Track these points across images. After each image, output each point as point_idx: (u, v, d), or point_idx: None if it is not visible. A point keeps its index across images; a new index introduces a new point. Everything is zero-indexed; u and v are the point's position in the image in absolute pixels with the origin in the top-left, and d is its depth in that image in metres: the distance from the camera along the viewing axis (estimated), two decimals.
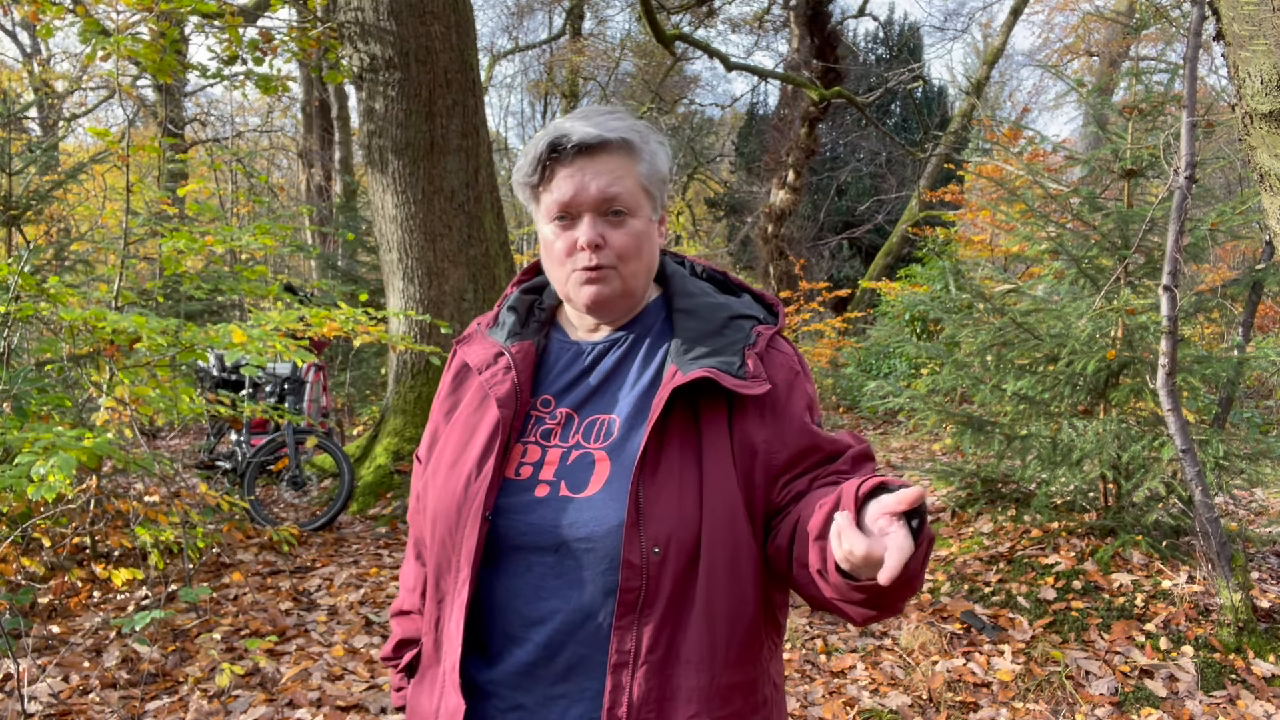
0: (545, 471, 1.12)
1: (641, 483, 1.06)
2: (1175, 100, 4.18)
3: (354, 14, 5.58)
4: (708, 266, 1.30)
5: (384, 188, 5.79)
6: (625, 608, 1.05)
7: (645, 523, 1.04)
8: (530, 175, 1.15)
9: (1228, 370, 4.03)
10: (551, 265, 1.18)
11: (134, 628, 3.00)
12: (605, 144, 1.12)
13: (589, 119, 1.13)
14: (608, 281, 1.14)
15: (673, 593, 1.05)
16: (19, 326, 4.09)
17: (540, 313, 1.27)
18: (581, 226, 1.12)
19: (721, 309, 1.19)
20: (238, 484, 5.45)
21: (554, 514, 1.08)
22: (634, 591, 1.04)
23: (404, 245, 5.79)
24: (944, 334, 4.88)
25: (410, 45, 5.55)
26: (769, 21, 16.28)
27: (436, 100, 5.66)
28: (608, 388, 1.17)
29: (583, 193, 1.11)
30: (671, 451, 1.08)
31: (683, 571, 1.06)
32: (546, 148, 1.12)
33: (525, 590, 1.10)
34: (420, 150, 5.66)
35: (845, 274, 15.37)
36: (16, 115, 6.60)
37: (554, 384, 1.20)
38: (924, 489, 0.88)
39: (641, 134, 1.15)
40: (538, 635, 1.09)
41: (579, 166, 1.11)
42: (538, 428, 1.16)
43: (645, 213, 1.16)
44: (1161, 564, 3.83)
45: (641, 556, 1.04)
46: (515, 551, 1.10)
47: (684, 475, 1.07)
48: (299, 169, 16.77)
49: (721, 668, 1.08)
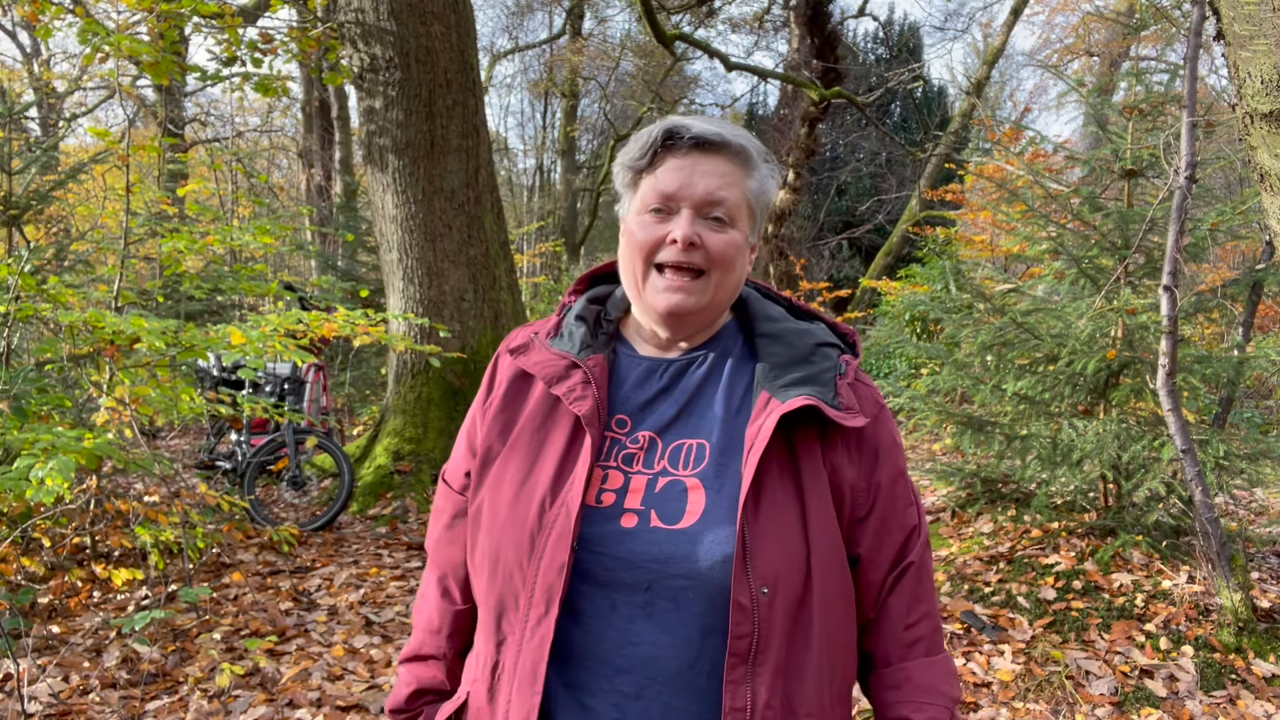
0: (630, 499, 1.01)
1: (747, 516, 0.96)
2: (1175, 100, 4.18)
3: (354, 14, 5.58)
4: (774, 291, 1.23)
5: (384, 188, 5.79)
6: (737, 657, 0.95)
7: (753, 560, 0.95)
8: (639, 159, 1.06)
9: (1228, 370, 4.03)
10: (631, 258, 1.08)
11: (134, 628, 3.01)
12: (724, 145, 1.05)
13: (710, 121, 1.07)
14: (693, 292, 1.04)
15: (785, 639, 0.97)
16: (19, 326, 4.09)
17: (607, 324, 1.16)
18: (679, 220, 1.04)
19: (806, 335, 1.11)
20: (238, 484, 5.45)
21: (645, 546, 0.97)
22: (745, 638, 0.94)
23: (404, 245, 5.79)
24: (944, 334, 4.88)
25: (410, 45, 5.55)
26: (769, 21, 16.28)
27: (437, 100, 5.66)
28: (692, 410, 1.08)
29: (689, 187, 1.04)
30: (772, 484, 1.00)
31: (793, 615, 0.97)
32: (662, 134, 1.05)
33: (610, 634, 0.98)
34: (420, 150, 5.66)
35: (845, 274, 15.38)
36: (16, 115, 6.60)
37: (628, 403, 1.09)
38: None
39: (759, 151, 1.09)
40: (625, 685, 0.97)
41: (692, 160, 1.05)
42: (617, 450, 1.05)
43: (745, 228, 1.08)
44: (1162, 564, 3.83)
45: (751, 598, 0.94)
46: (598, 589, 0.99)
47: (786, 510, 0.99)
48: (299, 169, 16.77)
49: (831, 715, 1.02)
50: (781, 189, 12.92)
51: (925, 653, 1.08)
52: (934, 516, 5.03)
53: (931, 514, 5.11)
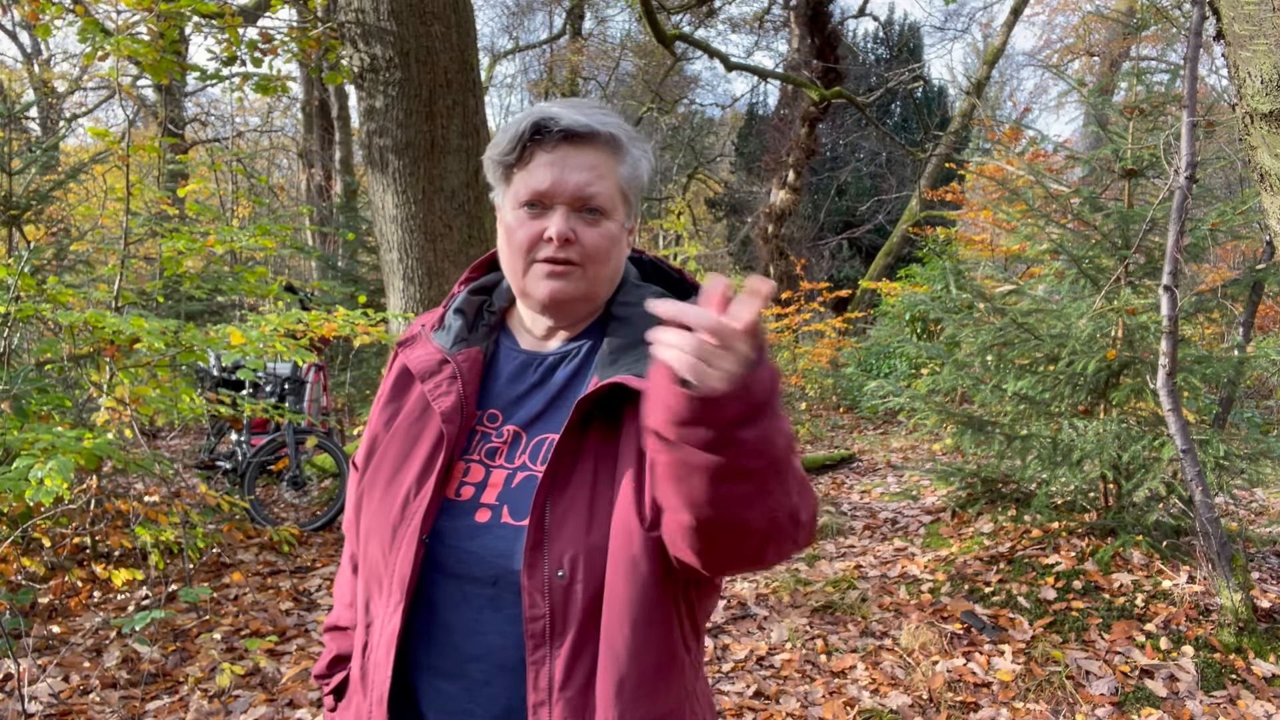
0: (488, 494, 1.04)
1: (549, 501, 0.99)
2: (1176, 100, 4.18)
3: (354, 14, 5.58)
4: (661, 262, 1.21)
5: (384, 188, 5.79)
6: (535, 639, 0.98)
7: (550, 544, 0.98)
8: (508, 153, 1.06)
9: (1228, 370, 4.03)
10: (511, 255, 1.08)
11: (134, 628, 3.01)
12: (593, 136, 1.04)
13: (578, 108, 1.06)
14: (572, 279, 1.05)
15: (583, 621, 0.98)
16: (19, 326, 4.09)
17: (489, 316, 1.17)
18: (553, 218, 1.04)
19: (654, 316, 1.11)
20: (238, 484, 5.45)
21: (494, 542, 1.01)
22: (540, 620, 0.97)
23: (404, 245, 5.79)
24: (944, 334, 4.88)
25: (411, 45, 5.55)
26: (769, 21, 16.28)
27: (437, 100, 5.66)
28: (559, 404, 1.08)
29: (561, 183, 1.03)
30: (585, 467, 1.01)
31: (593, 597, 0.98)
32: (530, 127, 1.04)
33: (461, 623, 1.02)
34: (420, 150, 5.67)
35: (845, 274, 15.37)
36: (16, 115, 6.60)
37: (502, 397, 1.11)
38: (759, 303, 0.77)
39: (630, 136, 1.08)
40: (475, 671, 1.01)
41: (561, 154, 1.04)
42: (483, 445, 1.08)
43: (620, 217, 1.08)
44: (1162, 564, 3.83)
45: (545, 581, 0.97)
46: (452, 580, 1.02)
47: (596, 493, 1.00)
48: (299, 169, 16.77)
49: (642, 700, 0.99)
50: (781, 189, 12.92)
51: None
52: (934, 516, 5.03)
53: (931, 514, 5.11)
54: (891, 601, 3.87)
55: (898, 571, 4.24)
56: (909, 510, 5.29)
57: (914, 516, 5.14)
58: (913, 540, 4.71)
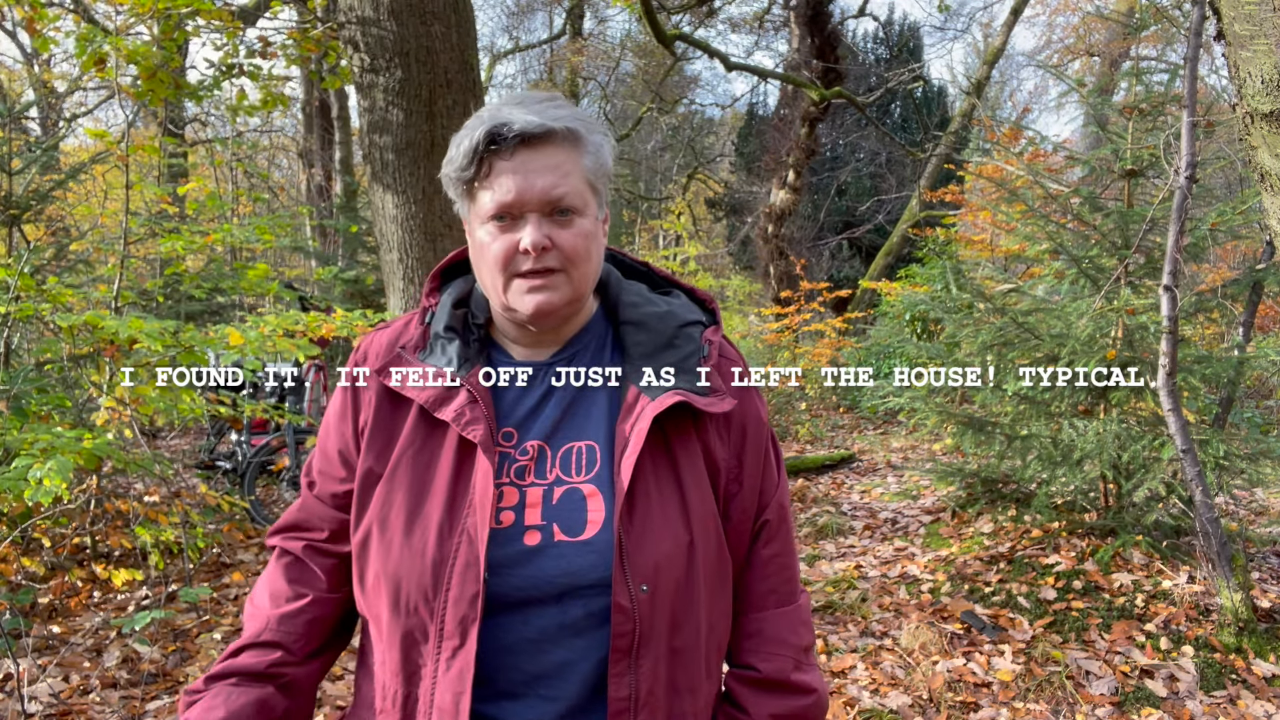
0: (530, 515, 1.01)
1: (624, 519, 0.98)
2: (1175, 100, 4.18)
3: (354, 14, 5.58)
4: (631, 259, 1.20)
5: (384, 188, 5.79)
6: (619, 653, 0.98)
7: (631, 560, 0.98)
8: (465, 169, 1.01)
9: (1228, 370, 4.03)
10: (488, 272, 1.03)
11: (134, 628, 3.01)
12: (549, 134, 1.00)
13: (527, 106, 1.01)
14: (556, 288, 1.02)
15: (669, 629, 0.99)
16: (19, 326, 4.09)
17: (476, 330, 1.12)
18: (525, 228, 1.00)
19: (669, 317, 1.10)
20: (238, 484, 5.45)
21: (554, 563, 0.99)
22: (627, 636, 0.97)
23: (404, 245, 5.79)
24: (944, 334, 4.88)
25: (410, 45, 5.55)
26: (769, 21, 16.28)
27: (437, 100, 5.66)
28: (576, 411, 1.07)
29: (527, 191, 0.99)
30: (650, 480, 1.01)
31: (677, 605, 1.00)
32: (484, 138, 0.98)
33: (525, 646, 0.99)
34: (420, 150, 5.66)
35: (845, 274, 15.38)
36: (16, 115, 6.60)
37: (512, 414, 1.07)
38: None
39: (586, 124, 1.03)
40: (546, 690, 0.99)
41: (521, 160, 0.99)
42: (508, 465, 1.03)
43: (592, 211, 1.04)
44: (1162, 564, 3.83)
45: (630, 598, 0.97)
46: (510, 610, 0.99)
47: (667, 504, 1.01)
48: (299, 169, 16.77)
49: (713, 682, 1.08)
50: (781, 189, 12.91)
51: (778, 603, 1.13)
52: (934, 516, 5.03)
53: (931, 514, 5.11)
54: (891, 601, 3.87)
55: (898, 571, 4.24)
56: (909, 510, 5.29)
57: (914, 516, 5.14)
58: (913, 540, 4.71)
